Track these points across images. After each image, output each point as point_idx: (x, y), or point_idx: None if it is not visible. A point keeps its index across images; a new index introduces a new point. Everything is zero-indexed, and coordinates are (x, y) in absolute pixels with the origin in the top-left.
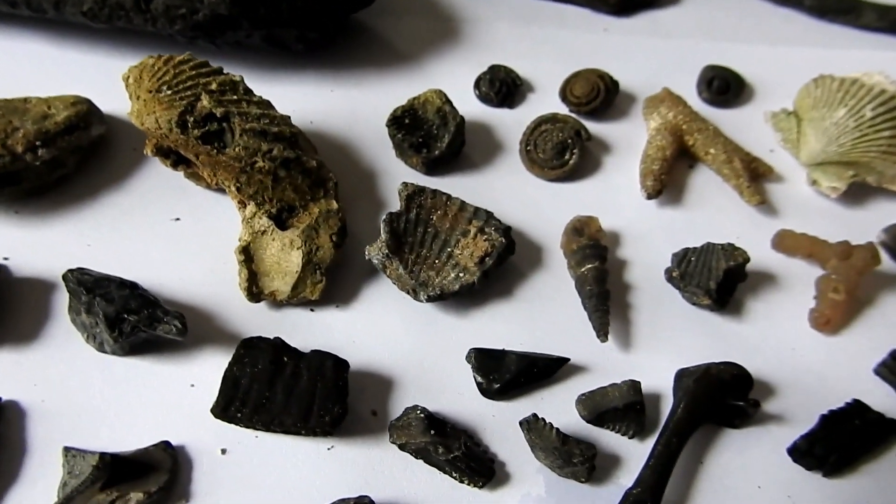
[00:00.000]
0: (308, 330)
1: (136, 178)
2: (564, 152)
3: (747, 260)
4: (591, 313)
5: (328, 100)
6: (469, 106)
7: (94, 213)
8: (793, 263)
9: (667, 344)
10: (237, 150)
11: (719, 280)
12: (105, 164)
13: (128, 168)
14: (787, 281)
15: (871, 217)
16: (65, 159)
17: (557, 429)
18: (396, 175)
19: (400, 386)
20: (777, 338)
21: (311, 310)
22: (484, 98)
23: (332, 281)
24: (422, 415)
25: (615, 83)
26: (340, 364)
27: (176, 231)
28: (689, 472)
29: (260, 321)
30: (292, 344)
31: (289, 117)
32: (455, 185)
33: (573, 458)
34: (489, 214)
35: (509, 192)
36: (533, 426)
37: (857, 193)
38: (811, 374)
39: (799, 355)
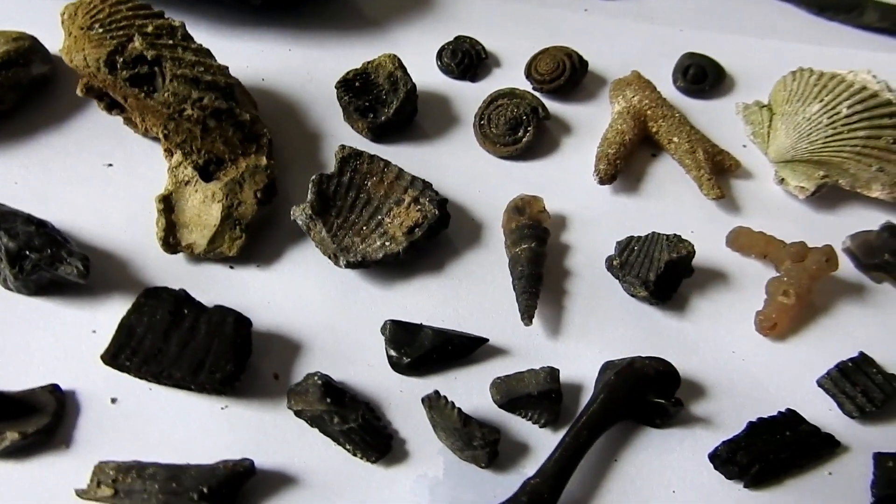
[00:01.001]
0: (224, 287)
1: (75, 122)
2: (518, 129)
3: (692, 253)
4: (518, 295)
5: (285, 59)
6: (429, 76)
7: (26, 152)
8: (748, 264)
9: (599, 335)
10: (166, 95)
11: (660, 272)
12: (46, 104)
13: (68, 110)
14: (738, 281)
15: (841, 222)
16: (2, 95)
17: (459, 409)
18: (342, 140)
19: (309, 352)
20: (719, 339)
21: (231, 267)
22: (445, 69)
23: (257, 240)
24: (319, 381)
25: (584, 63)
26: (242, 322)
27: (106, 176)
28: (601, 469)
29: (176, 273)
30: (206, 300)
31: (226, 68)
32: (401, 155)
33: (473, 440)
34: (426, 185)
35: (458, 166)
36: (434, 404)
37: (828, 197)
38: (749, 380)
39: (739, 359)
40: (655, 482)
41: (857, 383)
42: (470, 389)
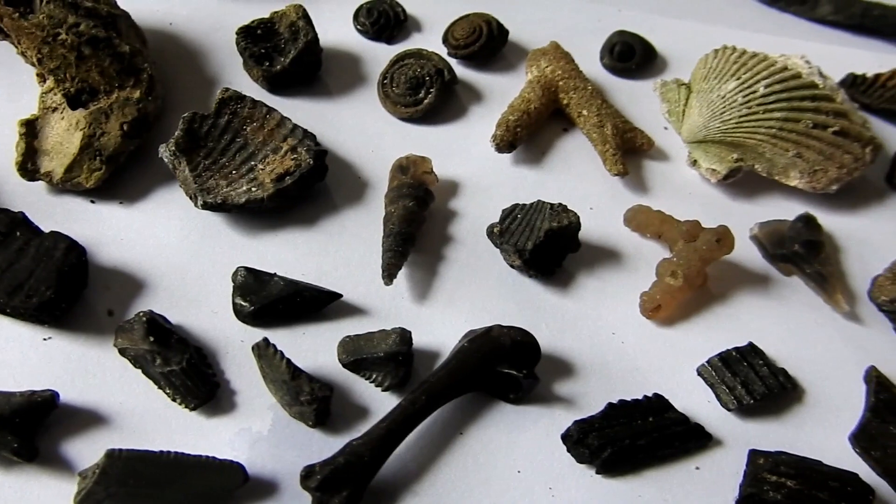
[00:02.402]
0: (80, 219)
1: None
2: (420, 90)
3: (575, 224)
4: (383, 252)
5: (198, 6)
6: (344, 35)
7: None
8: (644, 245)
9: (469, 304)
10: (41, 17)
11: (538, 241)
12: None
13: None
14: (632, 262)
15: (757, 212)
16: None
17: (289, 360)
18: (238, 88)
19: (151, 292)
20: (600, 319)
21: (92, 201)
22: (361, 28)
23: (124, 177)
24: (144, 319)
25: (503, 31)
26: (74, 249)
27: None
28: (443, 441)
29: (33, 202)
30: (62, 231)
31: (115, 1)
32: (297, 108)
33: (300, 395)
34: (307, 134)
35: (356, 125)
36: (263, 352)
37: (745, 184)
38: (626, 364)
39: (618, 341)
40: (501, 460)
41: (738, 374)
42: (317, 346)
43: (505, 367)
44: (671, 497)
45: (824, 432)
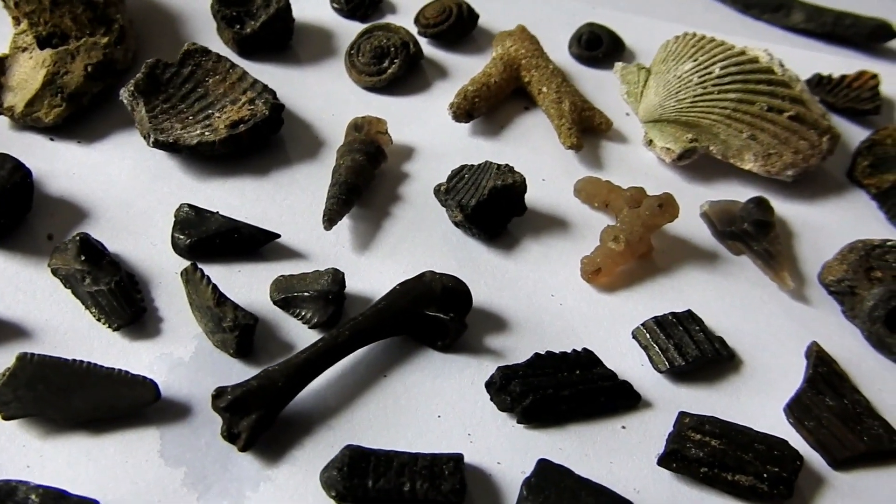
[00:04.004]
0: (37, 155)
1: None
2: (384, 59)
3: (519, 183)
4: (327, 199)
5: None
6: (320, 11)
7: None
8: (593, 216)
9: (409, 257)
10: None
11: (482, 198)
12: None
13: None
14: (578, 230)
15: (713, 195)
16: None
17: (215, 285)
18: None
19: (95, 221)
20: (540, 280)
21: (51, 139)
22: (336, 6)
23: (86, 118)
24: (78, 239)
25: (473, 14)
26: (19, 170)
27: None
28: (366, 381)
29: None
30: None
31: None
32: (265, 72)
33: (223, 321)
34: (267, 89)
35: (321, 91)
36: (190, 277)
37: (702, 168)
38: (561, 324)
39: (557, 302)
40: (421, 404)
41: (672, 336)
42: (251, 284)
43: (432, 310)
44: (592, 452)
45: (759, 403)
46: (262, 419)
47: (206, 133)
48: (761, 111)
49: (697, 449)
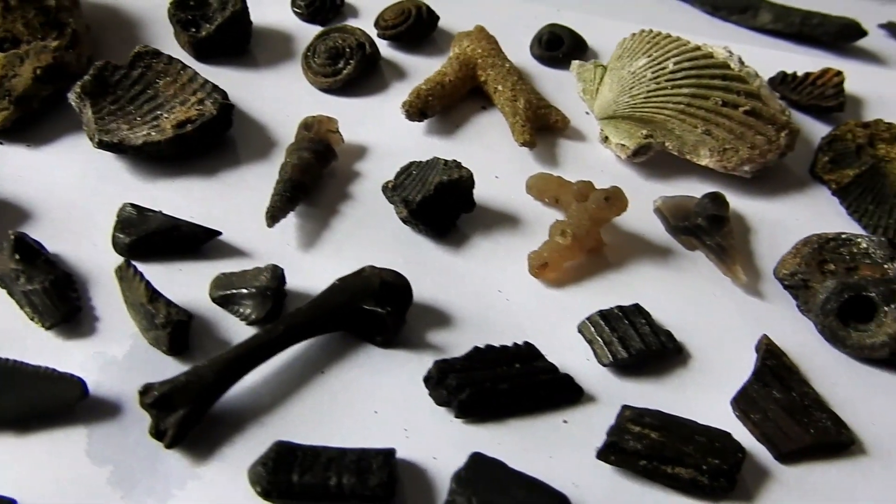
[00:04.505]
0: None
1: None
2: (339, 60)
3: (465, 178)
4: (271, 196)
5: None
6: (281, 15)
7: None
8: (545, 213)
9: (355, 254)
10: None
11: (428, 194)
12: None
13: None
14: (529, 227)
15: (670, 192)
16: None
17: (149, 282)
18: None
19: (36, 222)
20: (488, 277)
21: (0, 142)
22: (297, 10)
23: (37, 122)
24: (13, 237)
25: (433, 16)
26: None
27: None
28: (303, 378)
29: None
30: None
31: None
32: (221, 76)
33: (156, 318)
34: (216, 88)
35: (277, 95)
36: (124, 274)
37: (659, 165)
38: (508, 320)
39: (504, 298)
40: (359, 400)
41: (616, 330)
42: (191, 282)
43: (370, 304)
44: (532, 446)
45: (707, 396)
46: (189, 416)
47: (153, 133)
48: (716, 106)
49: (636, 441)
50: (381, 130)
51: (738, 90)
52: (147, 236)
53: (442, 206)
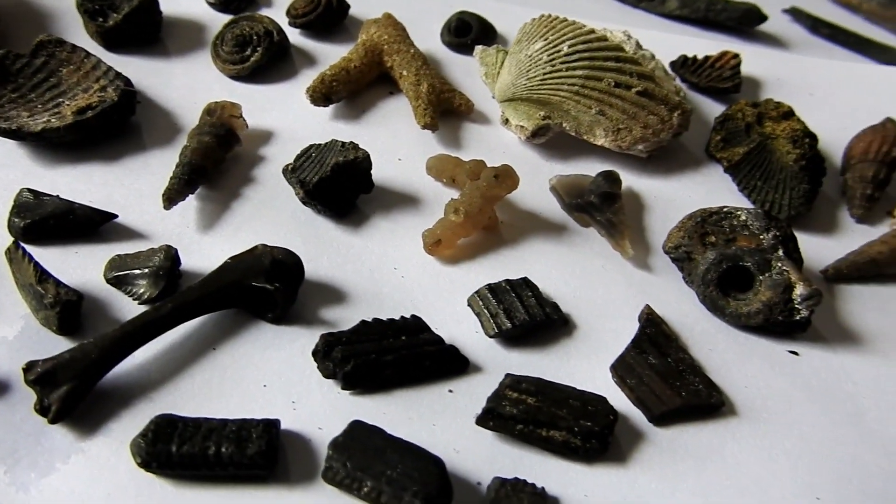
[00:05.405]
0: None
1: None
2: (246, 47)
3: (362, 159)
4: (169, 179)
5: None
6: (193, 5)
7: None
8: (446, 193)
9: (255, 235)
10: None
11: (325, 175)
12: None
13: None
14: (428, 207)
15: (570, 171)
16: None
17: (37, 263)
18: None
19: None
20: (385, 255)
21: None
22: (210, 1)
23: None
24: None
25: (343, 4)
26: None
27: None
28: (195, 355)
29: None
30: None
31: None
32: (131, 65)
33: (45, 298)
34: (119, 75)
35: (186, 82)
36: (13, 256)
37: (559, 147)
38: (401, 295)
39: (399, 275)
40: (249, 375)
41: (503, 302)
42: (87, 265)
43: (260, 281)
44: (416, 416)
45: (589, 365)
46: (73, 391)
47: (53, 120)
48: (609, 87)
49: (512, 406)
50: (289, 116)
51: (630, 72)
52: (42, 220)
53: (339, 186)
